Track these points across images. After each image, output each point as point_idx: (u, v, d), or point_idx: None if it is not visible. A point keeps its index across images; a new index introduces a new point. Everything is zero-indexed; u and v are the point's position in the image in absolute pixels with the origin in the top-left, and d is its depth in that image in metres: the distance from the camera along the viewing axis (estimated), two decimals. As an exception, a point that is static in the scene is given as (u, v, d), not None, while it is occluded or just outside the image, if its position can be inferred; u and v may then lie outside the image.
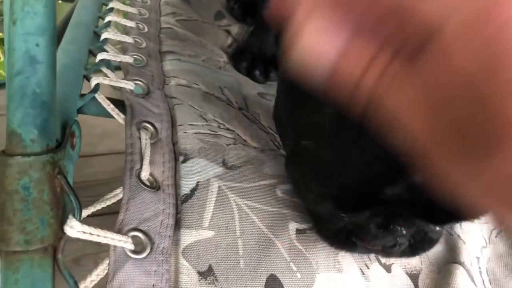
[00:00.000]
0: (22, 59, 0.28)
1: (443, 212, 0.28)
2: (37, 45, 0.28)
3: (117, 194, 0.33)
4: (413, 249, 0.34)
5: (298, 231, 0.37)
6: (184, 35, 0.57)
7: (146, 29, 0.53)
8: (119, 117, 0.39)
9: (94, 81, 0.39)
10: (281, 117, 0.34)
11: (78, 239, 0.29)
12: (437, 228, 0.33)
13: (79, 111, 0.44)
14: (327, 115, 0.26)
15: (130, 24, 0.52)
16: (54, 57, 0.30)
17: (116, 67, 0.46)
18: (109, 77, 0.41)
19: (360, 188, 0.27)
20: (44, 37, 0.29)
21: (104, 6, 0.55)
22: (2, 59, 1.34)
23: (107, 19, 0.50)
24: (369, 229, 0.32)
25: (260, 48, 0.60)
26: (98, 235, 0.30)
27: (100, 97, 0.39)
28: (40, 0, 0.29)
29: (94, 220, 0.31)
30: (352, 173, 0.26)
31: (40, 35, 0.29)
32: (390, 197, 0.27)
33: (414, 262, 0.39)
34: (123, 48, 0.47)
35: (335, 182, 0.27)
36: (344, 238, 0.34)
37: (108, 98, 0.41)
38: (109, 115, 0.41)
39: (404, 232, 0.32)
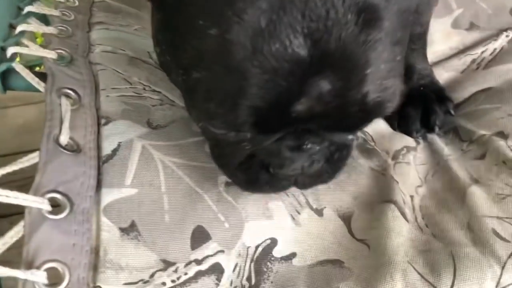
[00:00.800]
0: None
1: (354, 116, 0.27)
2: None
3: (33, 157, 0.33)
4: (332, 166, 0.34)
5: (227, 184, 0.37)
6: (118, 8, 0.56)
7: (77, 3, 0.52)
8: (40, 86, 0.39)
9: (10, 50, 0.38)
10: (164, 53, 0.32)
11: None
12: (349, 137, 0.33)
13: (7, 87, 0.43)
14: (212, 38, 0.25)
15: (57, -2, 0.51)
16: None
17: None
18: (29, 48, 0.40)
19: (268, 109, 0.26)
20: None
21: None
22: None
23: (32, -6, 0.49)
24: (282, 153, 0.31)
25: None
26: (8, 196, 0.29)
27: (18, 67, 0.38)
28: None
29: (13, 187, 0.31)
30: (256, 94, 0.25)
31: None
32: (301, 113, 0.26)
33: (346, 204, 0.39)
34: (49, 20, 0.47)
35: (240, 109, 0.26)
36: (259, 172, 0.33)
37: (34, 72, 0.41)
38: (35, 89, 0.41)
39: (318, 148, 0.31)
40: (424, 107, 0.51)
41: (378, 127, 0.48)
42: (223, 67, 0.25)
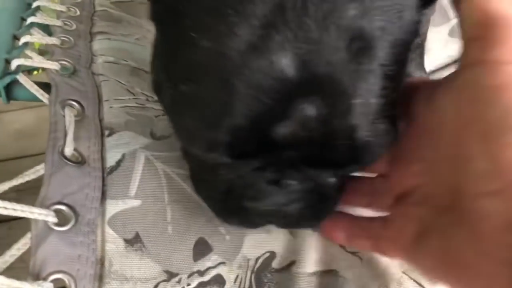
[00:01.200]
0: None
1: (342, 151, 0.26)
2: None
3: (38, 170, 0.33)
4: (311, 210, 0.31)
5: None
6: (119, 16, 0.56)
7: (78, 13, 0.53)
8: (43, 97, 0.39)
9: (15, 62, 0.39)
10: (157, 70, 0.31)
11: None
12: (333, 180, 0.30)
13: (10, 97, 0.44)
14: (203, 50, 0.24)
15: (61, 8, 0.51)
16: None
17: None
18: (33, 59, 0.41)
19: (248, 128, 0.24)
20: None
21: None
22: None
23: (35, 4, 0.50)
24: (258, 185, 0.29)
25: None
26: (15, 209, 0.30)
27: (22, 79, 0.39)
28: None
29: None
30: (237, 110, 0.24)
31: None
32: (283, 137, 0.25)
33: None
34: (51, 31, 0.47)
35: (220, 125, 0.25)
36: (233, 203, 0.31)
37: (36, 83, 0.41)
38: (38, 99, 0.41)
39: (299, 186, 0.29)
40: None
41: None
42: (211, 80, 0.25)
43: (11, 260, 0.29)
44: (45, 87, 0.41)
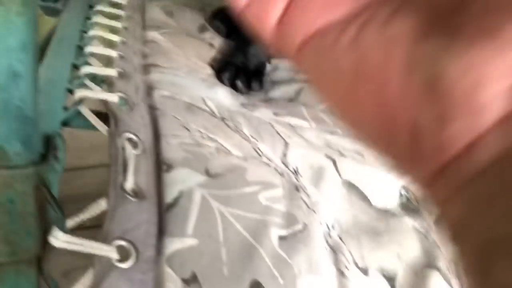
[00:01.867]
0: (5, 75, 0.29)
1: None
2: (19, 61, 0.29)
3: (102, 205, 0.34)
4: None
5: (281, 238, 0.38)
6: (168, 48, 0.58)
7: (131, 43, 0.54)
8: (103, 129, 0.40)
9: (77, 94, 0.40)
10: None
11: (65, 251, 0.29)
12: None
13: (65, 124, 0.44)
14: None
15: (115, 38, 0.53)
16: (36, 72, 0.31)
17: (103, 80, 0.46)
18: (93, 90, 0.42)
19: None
20: (26, 53, 0.30)
21: (88, 20, 0.55)
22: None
23: (91, 33, 0.51)
24: None
25: (243, 61, 0.61)
26: (83, 245, 0.30)
27: (84, 110, 0.40)
28: (21, 17, 0.30)
29: (83, 234, 0.32)
30: None
31: (22, 51, 0.29)
32: None
33: (390, 264, 0.40)
34: (108, 62, 0.48)
35: None
36: None
37: (94, 111, 0.42)
38: (94, 128, 0.42)
39: None
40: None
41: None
42: None
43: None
44: (100, 116, 0.42)
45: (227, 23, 0.68)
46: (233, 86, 0.60)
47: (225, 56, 0.64)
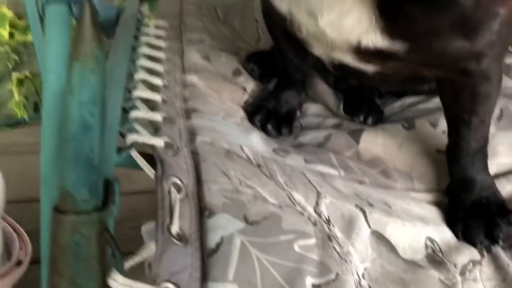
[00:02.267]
0: (77, 126, 0.32)
1: None
2: (91, 114, 0.32)
3: (151, 247, 0.36)
4: None
5: (314, 286, 0.40)
6: (205, 92, 0.61)
7: (172, 87, 0.57)
8: (150, 172, 0.42)
9: (129, 139, 0.43)
10: None
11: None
12: None
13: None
14: None
15: (158, 82, 0.56)
16: (104, 123, 0.33)
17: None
18: (142, 135, 0.44)
19: None
20: (97, 106, 0.32)
21: (132, 63, 0.59)
22: (17, 99, 1.39)
23: (136, 77, 0.54)
24: None
25: (275, 106, 0.64)
26: (131, 286, 0.32)
27: (134, 154, 0.42)
28: (95, 74, 0.33)
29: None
30: None
31: (94, 105, 0.32)
32: None
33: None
34: (153, 106, 0.51)
35: None
36: None
37: (140, 152, 0.45)
38: (140, 168, 0.45)
39: None
40: (487, 219, 0.53)
41: (445, 236, 0.51)
42: None
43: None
44: (145, 156, 0.45)
45: (260, 66, 0.71)
46: (264, 129, 0.63)
47: (258, 100, 0.67)
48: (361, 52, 0.45)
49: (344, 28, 0.44)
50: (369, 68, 0.50)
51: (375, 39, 0.43)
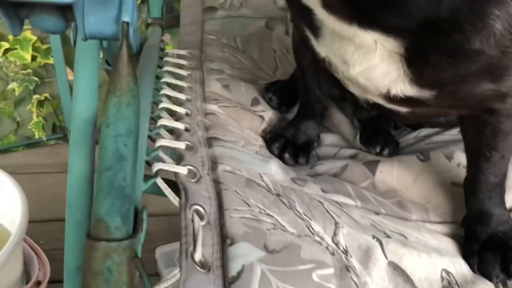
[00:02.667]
0: (112, 157, 0.33)
1: None
2: (125, 145, 0.34)
3: (175, 274, 0.37)
4: None
5: (333, 316, 0.41)
6: (225, 121, 0.63)
7: (194, 115, 0.59)
8: (175, 200, 0.44)
9: (155, 167, 0.44)
10: None
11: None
12: None
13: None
14: None
15: (181, 110, 0.58)
16: (137, 154, 0.35)
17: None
18: (167, 163, 0.46)
19: None
20: (131, 138, 0.34)
21: (157, 92, 0.61)
22: (36, 119, 1.42)
23: (161, 106, 0.56)
24: None
25: (294, 135, 0.66)
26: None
27: (159, 182, 0.44)
28: (130, 107, 0.35)
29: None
30: None
31: (128, 137, 0.34)
32: None
33: None
34: (177, 134, 0.53)
35: None
36: None
37: (164, 179, 0.46)
38: (164, 195, 0.46)
39: None
40: (503, 253, 0.54)
41: (461, 269, 0.52)
42: None
43: None
44: (168, 182, 0.46)
45: (278, 96, 0.73)
46: (281, 157, 0.65)
47: (276, 128, 0.69)
48: (391, 98, 0.48)
49: (374, 79, 0.46)
50: (401, 109, 0.52)
51: (404, 88, 0.45)
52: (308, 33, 0.52)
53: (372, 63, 0.44)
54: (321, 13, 0.44)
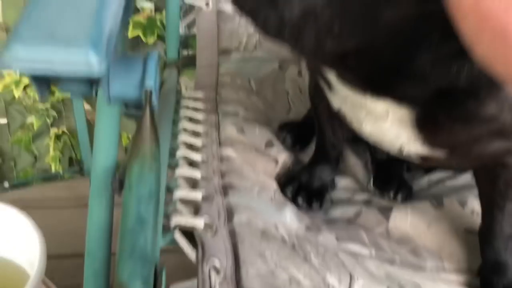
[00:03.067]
0: (134, 220, 0.35)
1: None
2: (146, 208, 0.35)
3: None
4: None
5: None
6: (241, 166, 0.64)
7: (210, 161, 0.61)
8: (192, 254, 0.45)
9: (173, 222, 0.45)
10: None
11: None
12: None
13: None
14: None
15: (197, 157, 0.59)
16: (157, 215, 0.36)
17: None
18: (184, 215, 0.47)
19: None
20: (152, 201, 0.35)
21: (174, 139, 0.62)
22: (53, 153, 1.45)
23: (179, 154, 0.58)
24: None
25: (308, 180, 0.66)
26: None
27: (177, 236, 0.45)
28: (152, 171, 0.36)
29: None
30: None
31: (149, 200, 0.35)
32: None
33: None
34: (193, 183, 0.54)
35: None
36: None
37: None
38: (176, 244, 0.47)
39: None
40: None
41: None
42: None
43: None
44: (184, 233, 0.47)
45: (292, 135, 0.74)
46: (294, 201, 0.65)
47: (291, 171, 0.70)
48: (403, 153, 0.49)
49: (386, 139, 0.48)
50: (414, 159, 0.53)
51: (415, 148, 0.46)
52: (322, 84, 0.54)
53: (384, 127, 0.46)
54: (334, 82, 0.46)
